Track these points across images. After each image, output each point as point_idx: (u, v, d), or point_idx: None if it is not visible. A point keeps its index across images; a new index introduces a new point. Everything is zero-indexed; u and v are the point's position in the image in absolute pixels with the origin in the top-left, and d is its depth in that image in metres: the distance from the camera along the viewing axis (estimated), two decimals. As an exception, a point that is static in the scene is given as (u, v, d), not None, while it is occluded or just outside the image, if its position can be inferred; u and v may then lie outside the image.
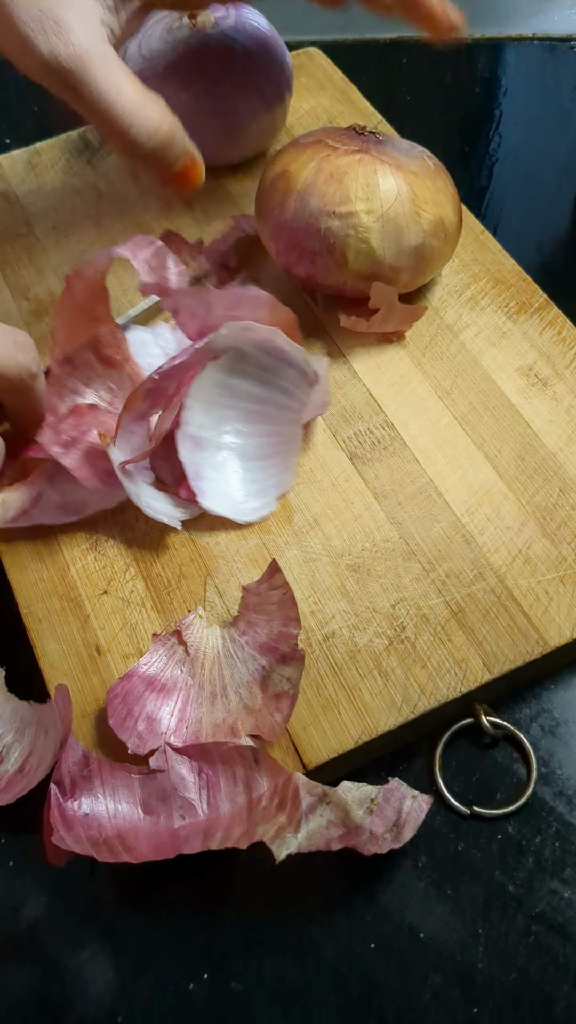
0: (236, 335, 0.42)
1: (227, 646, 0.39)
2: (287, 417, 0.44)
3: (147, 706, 0.37)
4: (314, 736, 0.37)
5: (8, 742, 0.38)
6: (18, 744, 0.38)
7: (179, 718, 0.37)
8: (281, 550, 0.43)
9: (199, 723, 0.37)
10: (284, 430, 0.44)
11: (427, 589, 0.41)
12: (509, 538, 0.42)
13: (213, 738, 0.36)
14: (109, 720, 0.37)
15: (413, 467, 0.45)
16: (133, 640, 0.40)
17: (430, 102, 0.69)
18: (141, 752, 0.36)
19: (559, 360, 0.48)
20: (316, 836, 0.34)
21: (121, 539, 0.44)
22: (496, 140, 0.66)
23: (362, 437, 0.46)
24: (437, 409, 0.47)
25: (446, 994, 0.35)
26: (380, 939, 0.36)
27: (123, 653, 0.40)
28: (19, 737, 0.38)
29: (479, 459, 0.45)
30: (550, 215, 0.61)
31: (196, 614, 0.40)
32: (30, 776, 0.37)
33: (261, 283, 0.52)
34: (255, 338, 0.42)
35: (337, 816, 0.34)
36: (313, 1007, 0.35)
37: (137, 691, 0.37)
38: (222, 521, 0.44)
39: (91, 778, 0.35)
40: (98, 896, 0.37)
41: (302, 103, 0.62)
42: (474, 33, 0.74)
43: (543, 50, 0.72)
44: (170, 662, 0.38)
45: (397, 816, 0.35)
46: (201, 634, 0.39)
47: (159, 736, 0.36)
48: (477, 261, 0.53)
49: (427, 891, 0.36)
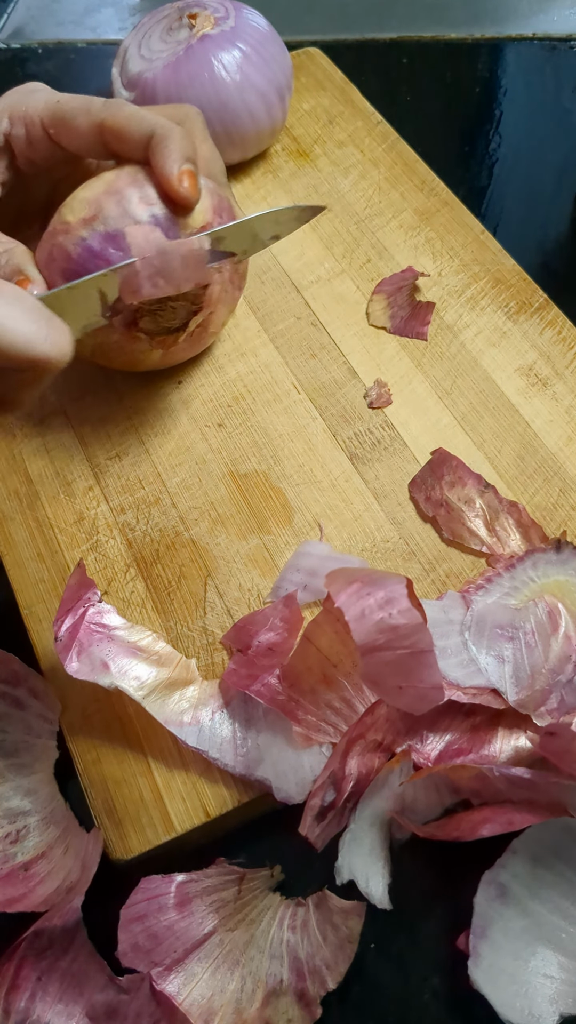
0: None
1: (272, 926, 0.35)
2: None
3: (161, 923, 0.34)
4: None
5: (31, 824, 0.36)
6: (38, 834, 0.36)
7: (179, 958, 0.34)
8: (281, 550, 0.43)
9: (192, 979, 0.33)
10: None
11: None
12: (509, 538, 0.42)
13: (190, 1014, 0.33)
14: (122, 910, 0.34)
15: (413, 467, 0.45)
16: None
17: (430, 102, 0.69)
18: (123, 963, 0.33)
19: (559, 360, 0.48)
20: None
21: (121, 540, 0.44)
22: (496, 140, 0.66)
23: (362, 437, 0.46)
24: (437, 409, 0.47)
25: (446, 994, 0.35)
26: (380, 939, 0.36)
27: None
28: (43, 828, 0.36)
29: (479, 459, 0.45)
30: (550, 215, 0.61)
31: (271, 871, 0.36)
32: (28, 886, 0.35)
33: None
34: None
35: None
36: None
37: (164, 901, 0.34)
38: (222, 521, 0.44)
39: (63, 956, 0.33)
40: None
41: (302, 103, 0.62)
42: (474, 33, 0.74)
43: (543, 50, 0.72)
44: (215, 895, 0.35)
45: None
46: (262, 892, 0.35)
47: (150, 961, 0.33)
48: (477, 261, 0.53)
49: (427, 891, 0.36)
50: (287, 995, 0.33)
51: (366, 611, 0.31)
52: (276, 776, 0.35)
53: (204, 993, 0.33)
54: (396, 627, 0.31)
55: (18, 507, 0.45)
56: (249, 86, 0.53)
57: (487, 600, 0.39)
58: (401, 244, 0.54)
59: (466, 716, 0.37)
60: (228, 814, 0.36)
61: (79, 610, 0.37)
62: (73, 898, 0.34)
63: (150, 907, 0.34)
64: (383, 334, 0.50)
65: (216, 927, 0.34)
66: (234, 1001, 0.33)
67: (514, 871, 0.34)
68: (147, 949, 0.34)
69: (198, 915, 0.34)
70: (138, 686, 0.36)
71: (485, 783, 0.35)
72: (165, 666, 0.37)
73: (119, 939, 0.34)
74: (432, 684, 0.32)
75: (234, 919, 0.35)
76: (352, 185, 0.57)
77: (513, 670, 0.37)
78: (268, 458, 0.46)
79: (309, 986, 0.33)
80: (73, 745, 0.38)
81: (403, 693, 0.33)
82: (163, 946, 0.34)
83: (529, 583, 0.40)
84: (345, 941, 0.34)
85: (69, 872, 0.35)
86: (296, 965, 0.34)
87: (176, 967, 0.33)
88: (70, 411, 0.48)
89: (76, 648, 0.36)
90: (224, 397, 0.48)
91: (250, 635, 0.38)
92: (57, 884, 0.35)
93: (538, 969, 0.33)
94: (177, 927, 0.34)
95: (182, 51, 0.53)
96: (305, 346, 0.50)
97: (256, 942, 0.34)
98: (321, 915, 0.34)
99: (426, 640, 0.31)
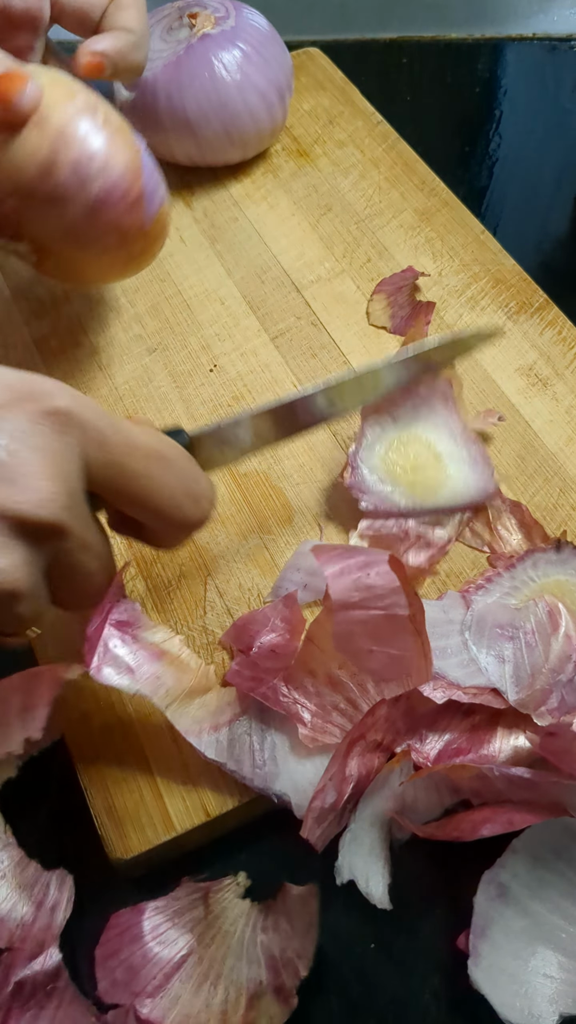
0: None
1: (245, 933, 0.35)
2: None
3: (136, 954, 0.34)
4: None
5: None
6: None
7: (160, 984, 0.34)
8: (281, 550, 0.43)
9: (175, 1001, 0.33)
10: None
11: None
12: (509, 538, 0.42)
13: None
14: (97, 949, 0.34)
15: (413, 467, 0.45)
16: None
17: (430, 102, 0.69)
18: (106, 1000, 0.33)
19: (559, 360, 0.48)
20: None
21: (121, 538, 0.43)
22: (496, 140, 0.66)
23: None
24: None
25: (446, 994, 0.35)
26: (380, 939, 0.36)
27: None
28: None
29: (479, 459, 0.45)
30: (550, 215, 0.61)
31: (236, 880, 0.36)
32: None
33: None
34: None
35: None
36: (313, 1007, 0.35)
37: (136, 932, 0.34)
38: (222, 521, 0.44)
39: (48, 1003, 0.33)
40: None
41: (302, 103, 0.62)
42: (474, 33, 0.74)
43: (543, 50, 0.72)
44: (186, 916, 0.35)
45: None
46: (231, 903, 0.35)
47: (131, 993, 0.33)
48: (477, 261, 0.53)
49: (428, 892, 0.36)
50: (267, 994, 0.33)
51: (345, 569, 0.32)
52: (295, 792, 0.35)
53: (189, 1012, 0.33)
54: (372, 586, 0.31)
55: (18, 506, 0.45)
56: (249, 86, 0.53)
57: (487, 600, 0.39)
58: (401, 244, 0.54)
59: (465, 716, 0.37)
60: (228, 813, 0.36)
61: (105, 609, 0.37)
62: (50, 942, 0.34)
63: (123, 940, 0.34)
64: (383, 334, 0.50)
65: (192, 947, 0.34)
66: (220, 1013, 0.33)
67: (514, 871, 0.34)
68: (126, 982, 0.34)
69: (172, 938, 0.34)
70: (163, 694, 0.36)
71: (485, 783, 0.35)
72: (187, 673, 0.37)
73: (97, 978, 0.34)
74: (405, 650, 0.32)
75: (209, 934, 0.35)
76: (352, 185, 0.57)
77: (513, 670, 0.36)
78: (268, 458, 0.46)
79: (285, 979, 0.33)
80: (73, 745, 0.38)
81: (373, 657, 0.32)
82: (141, 975, 0.34)
83: (529, 583, 0.40)
84: (308, 926, 0.34)
85: (36, 918, 0.35)
86: (272, 963, 0.34)
87: (158, 992, 0.33)
88: (70, 411, 0.48)
89: (102, 649, 0.35)
90: (224, 397, 0.48)
91: (251, 635, 0.38)
92: (26, 932, 0.35)
93: (538, 969, 0.33)
94: (153, 954, 0.34)
95: (182, 50, 0.53)
96: (305, 346, 0.50)
97: (234, 951, 0.34)
98: (285, 908, 0.35)
99: (401, 604, 0.31)
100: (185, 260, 0.55)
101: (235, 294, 0.53)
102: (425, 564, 0.41)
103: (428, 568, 0.41)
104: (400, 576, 0.32)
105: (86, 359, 0.50)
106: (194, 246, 0.55)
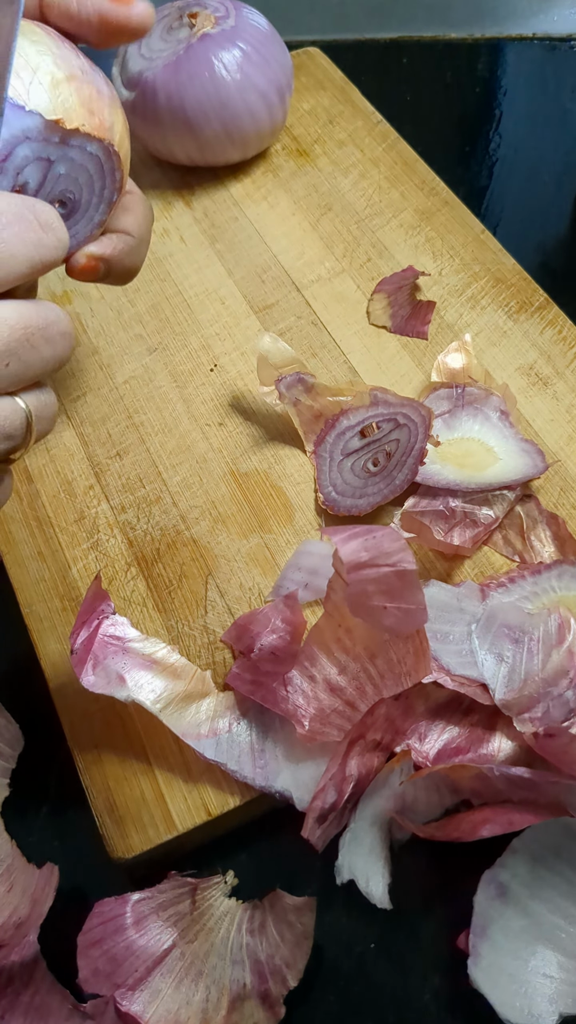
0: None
1: (231, 932, 0.35)
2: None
3: (119, 944, 0.34)
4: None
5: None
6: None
7: (141, 976, 0.33)
8: (282, 549, 0.43)
9: (156, 995, 0.33)
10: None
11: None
12: (509, 538, 0.42)
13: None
14: (79, 936, 0.34)
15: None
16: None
17: (430, 102, 0.69)
18: (86, 989, 0.33)
19: (559, 359, 0.48)
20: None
21: (122, 538, 0.44)
22: (496, 140, 0.66)
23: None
24: (437, 409, 0.47)
25: (446, 994, 0.35)
26: (380, 939, 0.36)
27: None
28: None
29: (479, 459, 0.45)
30: (550, 215, 0.61)
31: (224, 878, 0.36)
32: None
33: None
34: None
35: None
36: (313, 1007, 0.35)
37: (120, 923, 0.34)
38: (223, 520, 0.44)
39: (24, 991, 0.33)
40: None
41: (302, 103, 0.62)
42: (474, 33, 0.74)
43: (543, 50, 0.72)
44: (170, 909, 0.35)
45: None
46: (217, 900, 0.35)
47: (112, 984, 0.33)
48: (477, 261, 0.53)
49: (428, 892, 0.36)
50: (251, 998, 0.33)
51: (353, 535, 0.33)
52: (296, 787, 0.35)
53: (170, 1008, 0.33)
54: (379, 544, 0.32)
55: (18, 506, 0.45)
56: (249, 85, 0.53)
57: (504, 599, 0.39)
58: (401, 243, 0.54)
59: (464, 715, 0.37)
60: (229, 812, 0.36)
61: (93, 623, 0.37)
62: (27, 932, 0.33)
63: (107, 930, 0.34)
64: (384, 333, 0.50)
65: (176, 941, 0.34)
66: (200, 1012, 0.33)
67: (514, 871, 0.34)
68: (108, 972, 0.33)
69: (156, 931, 0.34)
70: (155, 699, 0.36)
71: (485, 783, 0.35)
72: (181, 678, 0.37)
73: (79, 966, 0.33)
74: (416, 604, 0.33)
75: (192, 930, 0.35)
76: (352, 185, 0.57)
77: (508, 671, 0.37)
78: (269, 457, 0.46)
79: (271, 987, 0.33)
80: (74, 744, 0.38)
81: (387, 613, 0.33)
82: (124, 967, 0.34)
83: (550, 591, 0.40)
84: (301, 938, 0.34)
85: (16, 908, 0.35)
86: (257, 967, 0.34)
87: (139, 986, 0.33)
88: (70, 410, 0.48)
89: (91, 661, 0.36)
90: (224, 396, 0.48)
91: (251, 635, 0.38)
92: (1, 921, 0.35)
93: (538, 969, 0.33)
94: (136, 946, 0.34)
95: (182, 50, 0.53)
96: (306, 345, 0.50)
97: (217, 950, 0.34)
98: (276, 915, 0.34)
99: (409, 560, 0.32)
100: (185, 260, 0.55)
101: (235, 294, 0.53)
102: (469, 543, 0.41)
103: (472, 547, 0.41)
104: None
105: (86, 359, 0.50)
106: (194, 246, 0.55)
